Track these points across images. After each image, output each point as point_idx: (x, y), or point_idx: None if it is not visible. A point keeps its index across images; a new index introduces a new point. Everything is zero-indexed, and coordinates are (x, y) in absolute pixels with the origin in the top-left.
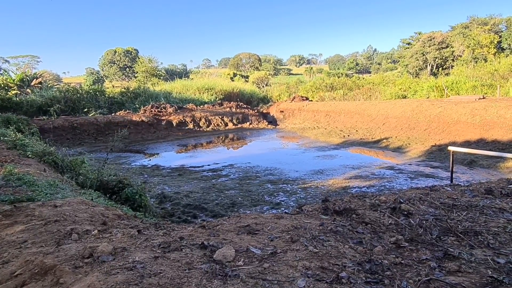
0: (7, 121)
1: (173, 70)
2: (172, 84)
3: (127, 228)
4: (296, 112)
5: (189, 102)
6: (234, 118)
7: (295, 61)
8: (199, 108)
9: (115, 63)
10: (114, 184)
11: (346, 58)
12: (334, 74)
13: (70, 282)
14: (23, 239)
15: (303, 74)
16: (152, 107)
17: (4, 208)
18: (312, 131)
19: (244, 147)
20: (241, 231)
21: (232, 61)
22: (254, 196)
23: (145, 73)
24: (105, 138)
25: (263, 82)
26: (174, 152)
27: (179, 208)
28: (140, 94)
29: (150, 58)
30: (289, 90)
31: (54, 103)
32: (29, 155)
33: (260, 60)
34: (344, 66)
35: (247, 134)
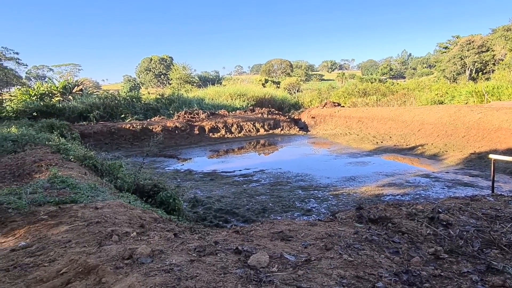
0: (51, 127)
1: (206, 77)
2: (205, 90)
3: (163, 231)
4: (327, 118)
5: (221, 108)
6: (266, 124)
7: (327, 67)
8: (231, 114)
9: (151, 70)
10: (150, 188)
11: (379, 63)
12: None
13: (111, 282)
14: (68, 239)
15: (335, 80)
16: (186, 113)
17: (50, 209)
18: (344, 137)
19: (275, 153)
20: (275, 237)
21: (263, 67)
22: (285, 202)
23: (179, 80)
24: (141, 143)
25: (295, 88)
26: (206, 157)
27: (211, 212)
28: (174, 101)
29: (184, 66)
30: (321, 96)
31: (94, 109)
32: (71, 159)
33: (292, 66)
34: (377, 72)
35: (278, 140)
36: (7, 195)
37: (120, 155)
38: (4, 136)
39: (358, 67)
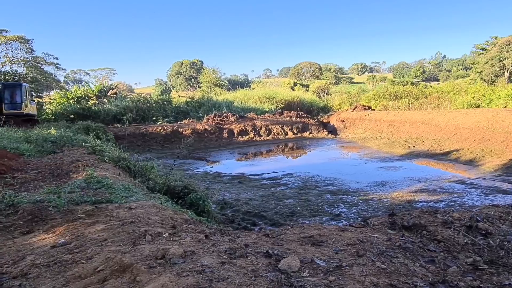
0: (87, 128)
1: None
2: (234, 93)
3: (194, 233)
4: (357, 121)
5: (250, 111)
6: (294, 127)
7: (357, 70)
8: (259, 117)
9: (181, 74)
10: (180, 189)
11: (412, 66)
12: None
13: (145, 280)
14: (104, 238)
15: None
16: (215, 116)
17: (87, 208)
18: (374, 141)
19: (304, 156)
20: (305, 242)
21: (292, 71)
22: (313, 206)
23: (209, 83)
24: (171, 145)
25: (324, 91)
26: (235, 160)
27: (239, 215)
28: (204, 104)
29: (214, 69)
30: (350, 99)
31: (127, 112)
32: (106, 160)
33: (321, 69)
34: (409, 74)
35: (307, 143)
36: (48, 193)
37: (151, 157)
38: (44, 137)
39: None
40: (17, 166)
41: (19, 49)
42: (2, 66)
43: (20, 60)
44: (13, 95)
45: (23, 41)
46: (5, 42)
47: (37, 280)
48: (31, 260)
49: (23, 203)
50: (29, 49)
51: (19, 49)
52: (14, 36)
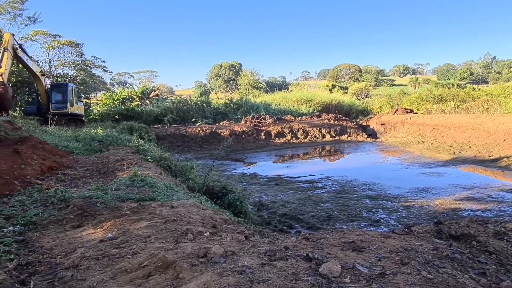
0: (131, 129)
1: (273, 82)
2: (272, 96)
3: (234, 233)
4: (398, 125)
5: (288, 113)
6: (332, 130)
7: (399, 71)
8: (297, 119)
9: (220, 76)
10: (218, 189)
11: (458, 67)
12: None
13: (188, 278)
14: (147, 234)
15: (407, 85)
16: (253, 118)
17: (132, 205)
18: (416, 145)
19: (341, 159)
20: (346, 247)
21: (331, 73)
22: (351, 211)
23: (247, 85)
24: (209, 146)
25: (363, 93)
26: (272, 162)
27: (275, 217)
28: (242, 105)
29: (252, 71)
30: (391, 101)
31: (168, 113)
32: (148, 159)
33: (361, 70)
34: (455, 76)
35: (345, 146)
36: (95, 190)
37: (191, 157)
38: (92, 137)
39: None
40: (67, 164)
41: (71, 53)
42: (55, 69)
43: (71, 63)
44: (60, 95)
45: (74, 45)
46: (58, 46)
47: (87, 272)
48: (81, 252)
49: (73, 198)
50: (79, 53)
51: (70, 53)
52: (66, 41)
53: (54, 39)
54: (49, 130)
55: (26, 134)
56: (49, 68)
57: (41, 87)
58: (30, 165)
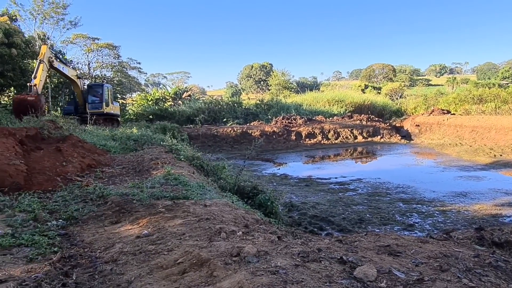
0: (164, 128)
1: (304, 83)
2: (303, 96)
3: (266, 233)
4: (434, 126)
5: (319, 114)
6: (364, 131)
7: (435, 71)
8: (328, 120)
9: (251, 77)
10: (249, 189)
11: (500, 66)
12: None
13: (221, 276)
14: (182, 232)
15: (444, 85)
16: (283, 118)
17: (166, 203)
18: (454, 148)
19: (374, 161)
20: (381, 251)
21: (364, 73)
22: (383, 214)
23: (278, 86)
24: (240, 146)
25: (397, 94)
26: (302, 163)
27: (305, 218)
28: (273, 106)
29: (283, 72)
30: (427, 102)
31: (200, 113)
32: (181, 158)
33: (395, 70)
34: (496, 76)
35: (377, 148)
36: (132, 188)
37: (222, 157)
38: (127, 136)
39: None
40: (105, 162)
41: (108, 55)
42: (94, 71)
43: (109, 65)
44: (96, 95)
45: (111, 48)
46: (97, 49)
47: (125, 267)
48: (119, 247)
49: (111, 195)
50: (116, 55)
51: (108, 55)
52: (104, 44)
53: (93, 42)
54: (88, 129)
55: (67, 133)
56: (88, 69)
57: (77, 89)
58: (71, 163)
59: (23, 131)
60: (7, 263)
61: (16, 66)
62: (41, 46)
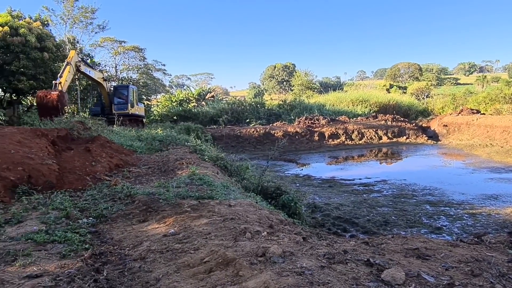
0: (188, 129)
1: (327, 83)
2: (326, 96)
3: (291, 234)
4: (463, 126)
5: (342, 114)
6: (389, 131)
7: (464, 70)
8: (352, 120)
9: (274, 77)
10: (273, 190)
11: None
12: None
13: (247, 276)
14: (207, 231)
15: (473, 84)
16: (306, 119)
17: (192, 202)
18: (484, 149)
19: (399, 162)
20: (409, 254)
21: (389, 72)
22: (409, 216)
23: (301, 86)
24: (263, 147)
25: (424, 93)
26: (325, 164)
27: (329, 219)
28: (296, 106)
29: (306, 72)
30: (455, 102)
31: (223, 114)
32: (206, 159)
33: (421, 69)
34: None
35: (403, 149)
36: (158, 187)
37: (245, 158)
38: (153, 137)
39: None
40: (132, 161)
41: (134, 57)
42: (120, 73)
43: (134, 67)
44: (121, 96)
45: (137, 50)
46: (124, 51)
47: (153, 264)
48: (147, 245)
49: (138, 194)
50: (142, 57)
51: (134, 57)
52: (131, 46)
53: (120, 45)
54: (115, 130)
55: (95, 133)
56: (115, 72)
57: (103, 91)
58: (99, 163)
59: (55, 132)
60: (42, 258)
61: (47, 69)
62: (70, 51)
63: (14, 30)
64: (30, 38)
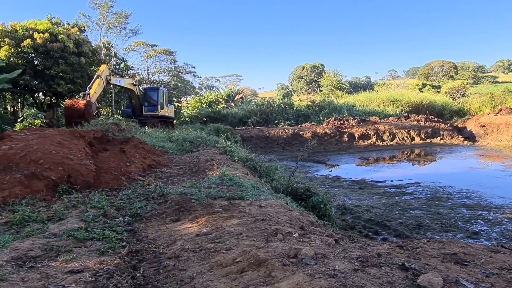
0: (217, 130)
1: (357, 83)
2: (356, 96)
3: (323, 236)
4: (502, 126)
5: (373, 114)
6: (422, 132)
7: (502, 67)
8: (382, 121)
9: (302, 78)
10: (302, 191)
11: None
12: None
13: (280, 277)
14: (239, 232)
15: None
16: (335, 120)
17: (223, 203)
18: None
19: (433, 164)
20: (447, 259)
21: (421, 71)
22: (444, 220)
23: (330, 86)
24: (291, 148)
25: (459, 92)
26: (355, 165)
27: (359, 222)
28: (324, 107)
29: (335, 72)
30: (493, 101)
31: (252, 115)
32: (235, 159)
33: (456, 67)
34: None
35: (437, 150)
36: (190, 187)
37: (273, 159)
38: (184, 138)
39: None
40: (163, 162)
41: (165, 60)
42: (152, 76)
43: (166, 70)
44: (151, 98)
45: (168, 53)
46: (155, 55)
47: (187, 263)
48: (181, 244)
49: (171, 194)
50: (173, 60)
51: (165, 61)
52: (162, 50)
53: (151, 49)
54: (147, 131)
55: (129, 135)
56: (147, 75)
57: (134, 95)
58: (133, 163)
59: (91, 134)
60: (83, 254)
61: (84, 73)
62: (101, 65)
63: (53, 36)
64: (69, 44)
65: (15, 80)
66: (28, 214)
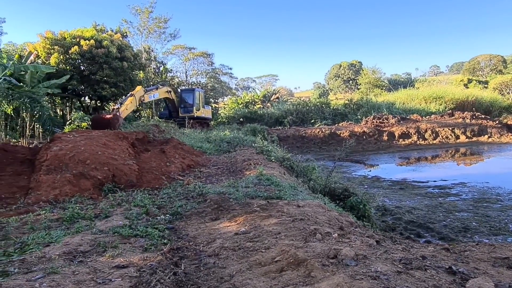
0: (254, 130)
1: (397, 80)
2: (395, 94)
3: (363, 237)
4: None
5: (413, 112)
6: (468, 130)
7: None
8: (424, 119)
9: (339, 76)
10: (340, 191)
11: None
12: None
13: (319, 277)
14: (277, 231)
15: None
16: (374, 118)
17: (260, 202)
18: None
19: (480, 164)
20: (498, 263)
21: (466, 66)
22: (493, 222)
23: (368, 84)
24: (328, 147)
25: (508, 87)
26: (395, 165)
27: (400, 223)
28: (362, 105)
29: (373, 70)
30: None
31: (288, 115)
32: (272, 159)
33: (505, 61)
34: None
35: (484, 149)
36: (228, 187)
37: (310, 158)
38: (221, 138)
39: None
40: (202, 162)
41: (203, 62)
42: (190, 78)
43: (203, 72)
44: (187, 99)
45: (205, 56)
46: (193, 58)
47: (226, 261)
48: (220, 243)
49: (209, 194)
50: (210, 62)
51: (202, 63)
52: (199, 52)
53: (190, 52)
54: (185, 132)
55: (169, 136)
56: (186, 77)
57: (170, 100)
58: (173, 163)
59: (133, 135)
60: (127, 251)
61: (126, 77)
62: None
63: (98, 42)
64: (112, 49)
65: (64, 85)
66: (77, 211)
